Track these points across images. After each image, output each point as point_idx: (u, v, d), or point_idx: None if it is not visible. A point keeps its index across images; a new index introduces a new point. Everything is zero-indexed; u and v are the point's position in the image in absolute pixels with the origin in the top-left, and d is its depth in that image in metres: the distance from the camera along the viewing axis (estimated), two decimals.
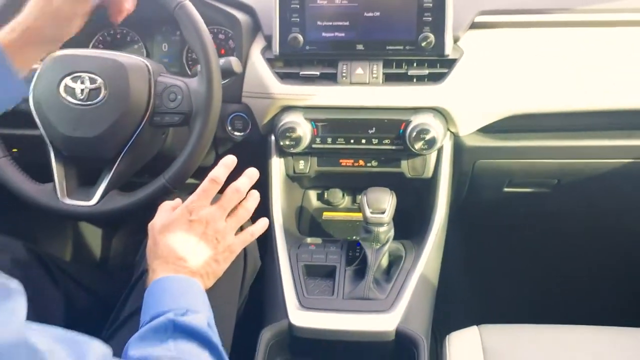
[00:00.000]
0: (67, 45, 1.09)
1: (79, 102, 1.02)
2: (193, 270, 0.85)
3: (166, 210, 0.92)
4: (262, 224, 0.99)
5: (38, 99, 1.04)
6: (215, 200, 0.91)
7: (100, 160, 1.05)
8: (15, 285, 0.45)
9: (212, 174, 0.91)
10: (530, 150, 1.27)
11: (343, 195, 1.37)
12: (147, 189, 1.04)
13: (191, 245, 0.87)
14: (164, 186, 1.02)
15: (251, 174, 0.95)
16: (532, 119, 1.23)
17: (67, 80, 1.03)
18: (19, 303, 0.45)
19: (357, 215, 1.34)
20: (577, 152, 1.27)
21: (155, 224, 0.89)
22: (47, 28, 0.88)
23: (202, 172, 1.14)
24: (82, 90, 1.02)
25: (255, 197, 0.97)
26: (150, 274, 0.85)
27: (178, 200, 0.94)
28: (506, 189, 1.37)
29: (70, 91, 1.03)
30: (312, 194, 1.38)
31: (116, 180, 1.05)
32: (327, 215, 1.36)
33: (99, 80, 1.02)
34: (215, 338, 0.74)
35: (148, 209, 1.03)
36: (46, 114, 1.03)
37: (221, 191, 0.92)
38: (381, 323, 1.01)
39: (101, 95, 1.02)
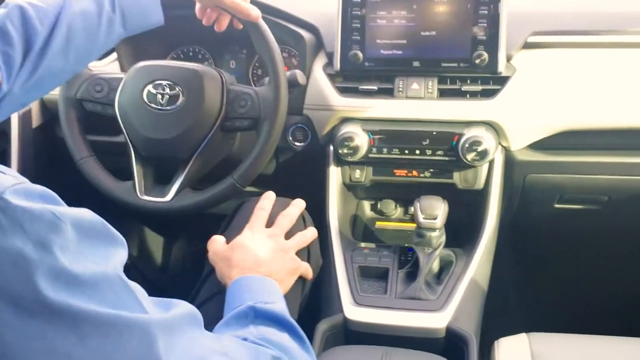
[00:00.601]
0: (146, 58, 1.21)
1: (159, 107, 1.13)
2: (268, 274, 0.92)
3: (221, 242, 1.00)
4: (312, 231, 1.07)
5: (123, 105, 1.15)
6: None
7: (176, 160, 1.15)
8: (121, 238, 0.53)
9: (259, 205, 1.04)
10: (580, 166, 1.30)
11: (396, 206, 1.42)
12: (217, 187, 1.12)
13: (263, 255, 0.94)
14: (233, 184, 1.11)
15: (299, 204, 1.08)
16: (583, 136, 1.27)
17: (149, 88, 1.14)
18: (121, 252, 0.52)
19: (409, 225, 1.39)
20: (628, 169, 1.30)
21: (219, 250, 0.97)
22: None
23: (262, 181, 1.23)
24: (163, 96, 1.13)
25: (298, 206, 1.08)
26: (227, 282, 0.91)
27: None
28: (557, 205, 1.40)
29: (152, 97, 1.13)
30: (366, 205, 1.45)
31: (189, 179, 1.14)
32: (379, 224, 1.42)
33: (178, 87, 1.13)
34: (294, 322, 0.80)
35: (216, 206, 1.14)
36: (130, 118, 1.14)
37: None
38: (432, 321, 1.06)
39: (179, 101, 1.12)
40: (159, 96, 1.13)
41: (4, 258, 0.39)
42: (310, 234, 1.06)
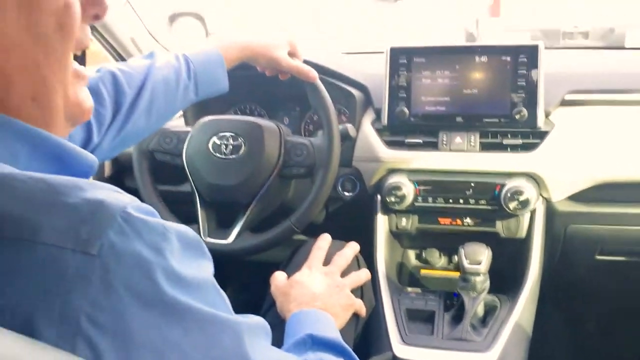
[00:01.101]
0: (208, 114, 1.34)
1: (224, 156, 1.24)
2: (324, 308, 0.99)
3: (282, 278, 1.08)
4: (366, 273, 1.15)
5: (190, 155, 1.27)
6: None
7: (237, 205, 1.25)
8: (209, 255, 0.61)
9: (317, 244, 1.14)
10: (620, 217, 1.35)
11: (440, 255, 1.48)
12: (275, 229, 1.22)
13: (320, 290, 1.02)
14: (291, 227, 1.20)
15: (354, 246, 1.18)
16: (621, 188, 1.32)
17: (215, 139, 1.26)
18: (210, 265, 0.60)
19: (453, 274, 1.44)
20: None
21: (279, 285, 1.05)
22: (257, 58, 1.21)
23: (313, 229, 1.32)
24: (227, 146, 1.24)
25: (352, 248, 1.18)
26: (287, 315, 0.98)
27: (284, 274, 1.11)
28: (598, 257, 1.44)
29: (217, 147, 1.25)
30: (411, 253, 1.51)
31: (249, 222, 1.24)
32: (424, 272, 1.47)
33: (240, 138, 1.24)
34: (349, 348, 0.86)
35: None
36: (196, 166, 1.25)
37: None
38: None
39: (241, 151, 1.23)
40: (223, 146, 1.24)
41: (129, 259, 0.47)
42: (364, 275, 1.13)
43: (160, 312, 0.48)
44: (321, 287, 1.02)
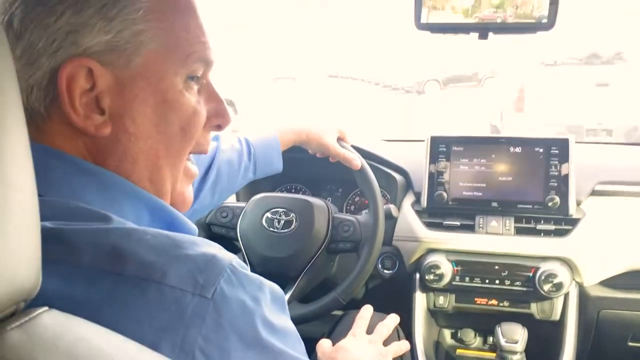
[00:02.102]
0: (258, 192, 1.45)
1: (276, 230, 1.34)
2: None
3: (328, 345, 1.15)
4: (406, 344, 1.21)
5: (244, 228, 1.37)
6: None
7: (286, 277, 1.33)
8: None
9: (361, 313, 1.20)
10: None
11: (475, 335, 1.53)
12: (322, 300, 1.29)
13: (364, 357, 1.08)
14: (337, 298, 1.27)
15: (395, 318, 1.24)
16: None
17: (268, 214, 1.36)
18: (289, 317, 0.68)
19: (489, 354, 1.49)
20: None
21: (326, 351, 1.11)
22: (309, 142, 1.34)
23: (353, 305, 1.38)
24: (279, 221, 1.34)
25: (394, 319, 1.23)
26: None
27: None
28: (630, 343, 1.47)
29: (270, 222, 1.35)
30: (447, 332, 1.56)
31: (297, 294, 1.31)
32: (460, 352, 1.52)
33: (292, 214, 1.34)
34: None
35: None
36: (249, 239, 1.35)
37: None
38: None
39: (293, 226, 1.33)
40: (276, 221, 1.35)
41: (235, 304, 0.56)
42: (404, 346, 1.19)
43: (257, 352, 0.56)
44: (366, 354, 1.08)
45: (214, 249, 0.57)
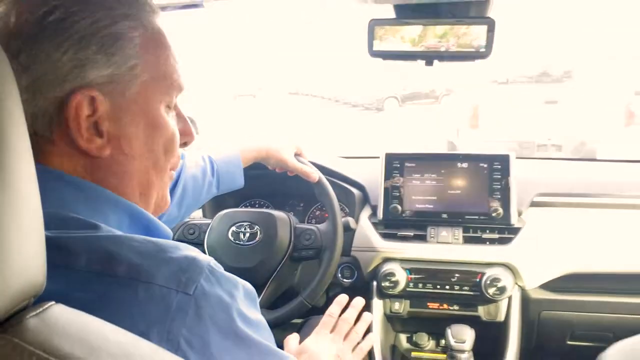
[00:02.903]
0: (225, 207, 1.53)
1: (242, 243, 1.42)
2: None
3: (294, 343, 1.23)
4: (369, 342, 1.29)
5: (212, 244, 1.45)
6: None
7: (254, 285, 1.40)
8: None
9: (328, 311, 1.25)
10: (587, 305, 1.53)
11: (429, 338, 1.64)
12: (289, 305, 1.38)
13: (323, 358, 1.17)
14: (302, 302, 1.37)
15: (357, 304, 1.27)
16: (586, 279, 1.52)
17: (233, 228, 1.45)
18: (260, 311, 0.77)
19: (441, 356, 1.60)
20: (630, 309, 1.52)
21: (290, 351, 1.20)
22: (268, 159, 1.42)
23: (314, 313, 1.48)
24: (244, 234, 1.43)
25: (366, 320, 1.28)
26: None
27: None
28: (569, 342, 1.61)
29: (236, 235, 1.44)
30: (403, 337, 1.66)
31: (265, 301, 1.40)
32: (415, 354, 1.63)
33: (256, 226, 1.43)
34: None
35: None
36: (217, 252, 1.43)
37: None
38: None
39: (257, 238, 1.42)
40: (241, 234, 1.43)
41: (213, 299, 0.64)
42: (361, 326, 1.25)
43: (233, 341, 0.65)
44: (325, 355, 1.17)
45: (194, 252, 0.66)
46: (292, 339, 1.20)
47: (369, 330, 1.28)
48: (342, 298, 1.26)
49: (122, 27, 0.68)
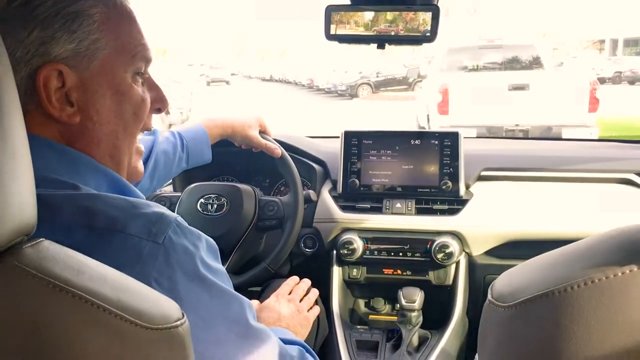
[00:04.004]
0: (193, 182, 1.63)
1: (209, 213, 1.53)
2: (286, 327, 1.26)
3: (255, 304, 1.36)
4: (316, 310, 1.42)
5: (182, 214, 1.55)
6: None
7: (221, 253, 1.51)
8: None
9: (286, 282, 1.41)
10: None
11: (385, 302, 1.77)
12: (253, 270, 1.49)
13: (283, 313, 1.29)
14: (266, 268, 1.48)
15: (307, 281, 1.46)
16: (526, 246, 1.65)
17: (202, 200, 1.55)
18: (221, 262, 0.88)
19: (396, 319, 1.73)
20: None
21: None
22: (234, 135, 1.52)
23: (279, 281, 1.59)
24: (212, 205, 1.54)
25: (315, 292, 1.45)
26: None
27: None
28: None
29: (204, 206, 1.54)
30: (361, 302, 1.80)
31: (231, 267, 1.51)
32: (372, 317, 1.76)
33: (223, 199, 1.54)
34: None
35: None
36: (186, 222, 1.53)
37: None
38: None
39: (224, 209, 1.53)
40: (209, 205, 1.54)
41: (179, 248, 0.75)
42: (312, 295, 1.40)
43: (197, 283, 0.76)
44: (285, 311, 1.29)
45: (162, 209, 0.77)
46: (253, 302, 1.31)
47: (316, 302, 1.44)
48: (295, 278, 1.44)
49: (82, 5, 0.77)
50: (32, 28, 0.74)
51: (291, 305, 1.33)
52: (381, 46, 1.41)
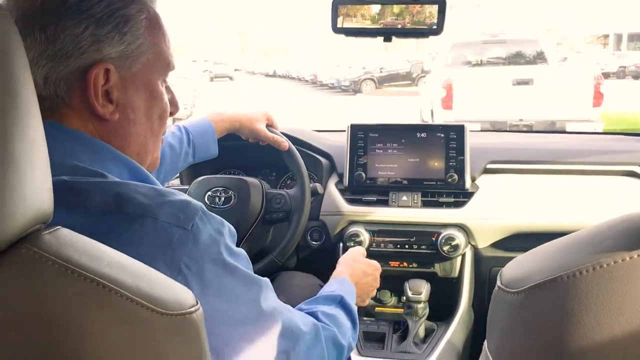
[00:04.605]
0: (199, 176, 1.64)
1: (217, 206, 1.54)
2: (359, 289, 1.28)
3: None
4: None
5: None
6: None
7: None
8: None
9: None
10: None
11: (391, 294, 1.78)
12: (260, 263, 1.50)
13: (367, 279, 1.34)
14: (273, 260, 1.49)
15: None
16: (532, 239, 1.65)
17: (209, 193, 1.57)
18: None
19: (402, 311, 1.74)
20: None
21: (350, 255, 1.39)
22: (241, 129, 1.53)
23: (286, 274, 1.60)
24: (219, 198, 1.55)
25: None
26: (340, 273, 1.28)
27: None
28: None
29: (211, 199, 1.56)
30: None
31: None
32: (378, 309, 1.77)
33: (230, 191, 1.55)
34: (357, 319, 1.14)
35: None
36: None
37: None
38: None
39: (232, 202, 1.54)
40: (217, 198, 1.55)
41: (205, 234, 0.77)
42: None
43: (222, 267, 0.78)
44: (369, 277, 1.33)
45: (187, 197, 0.79)
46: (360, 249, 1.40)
47: None
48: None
49: (132, 10, 0.81)
50: (87, 26, 0.77)
51: (376, 274, 1.36)
52: (388, 39, 1.41)
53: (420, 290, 1.52)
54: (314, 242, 1.75)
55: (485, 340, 0.68)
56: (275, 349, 0.85)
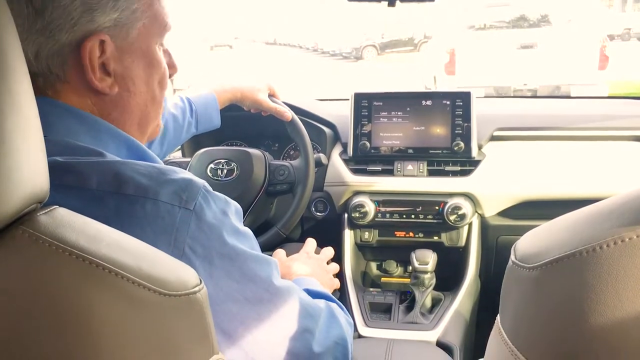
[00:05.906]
0: (201, 148, 1.61)
1: (219, 179, 1.52)
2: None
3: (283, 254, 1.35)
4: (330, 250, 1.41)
5: None
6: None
7: None
8: None
9: (309, 244, 1.37)
10: None
11: (397, 265, 1.77)
12: (265, 235, 1.49)
13: (314, 271, 1.28)
14: (277, 232, 1.47)
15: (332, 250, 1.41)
16: (539, 206, 1.64)
17: (212, 165, 1.54)
18: None
19: (408, 281, 1.73)
20: None
21: (282, 259, 1.31)
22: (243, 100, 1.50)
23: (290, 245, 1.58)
24: (222, 170, 1.52)
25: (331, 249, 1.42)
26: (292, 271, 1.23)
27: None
28: None
29: (214, 172, 1.53)
30: (373, 264, 1.80)
31: None
32: (384, 279, 1.76)
33: (233, 163, 1.53)
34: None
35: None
36: None
37: None
38: (426, 335, 1.39)
39: (234, 174, 1.52)
40: (219, 171, 1.53)
41: (209, 214, 0.73)
42: (329, 252, 1.38)
43: (229, 248, 0.75)
44: (315, 269, 1.28)
45: (189, 175, 0.76)
46: (281, 252, 1.31)
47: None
48: (312, 242, 1.41)
49: None
50: None
51: (322, 265, 1.32)
52: (392, 4, 1.37)
53: (427, 260, 1.51)
54: (318, 213, 1.73)
55: (498, 316, 0.66)
56: (295, 327, 0.83)
